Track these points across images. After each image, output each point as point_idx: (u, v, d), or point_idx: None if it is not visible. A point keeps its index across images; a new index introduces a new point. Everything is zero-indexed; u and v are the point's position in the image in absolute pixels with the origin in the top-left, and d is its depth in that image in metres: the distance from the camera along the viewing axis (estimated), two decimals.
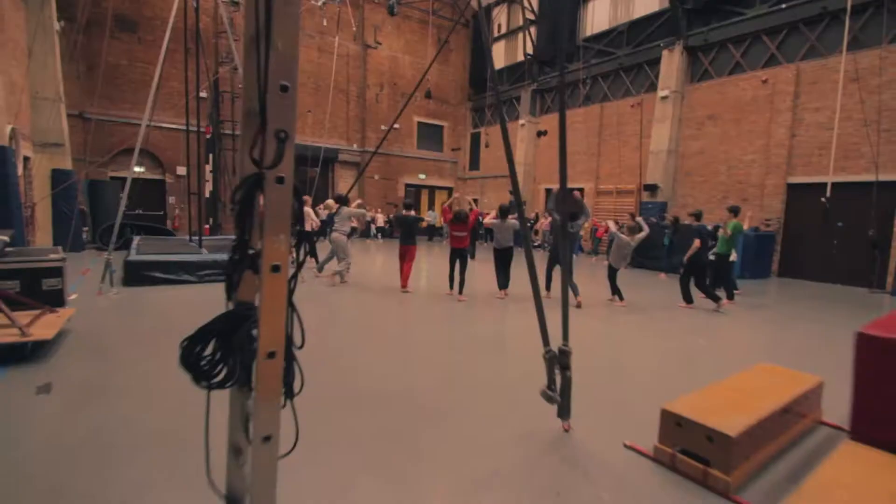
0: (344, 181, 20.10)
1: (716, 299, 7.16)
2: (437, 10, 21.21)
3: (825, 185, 10.95)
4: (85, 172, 13.24)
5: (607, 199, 16.01)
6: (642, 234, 7.24)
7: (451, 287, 7.52)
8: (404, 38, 20.92)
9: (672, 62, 13.69)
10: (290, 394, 1.28)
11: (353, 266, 9.60)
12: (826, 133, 10.97)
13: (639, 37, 15.11)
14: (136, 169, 16.68)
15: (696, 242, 7.13)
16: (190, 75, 13.98)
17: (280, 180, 1.17)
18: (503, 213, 7.40)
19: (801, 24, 11.44)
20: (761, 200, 12.12)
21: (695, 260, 7.16)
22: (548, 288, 7.53)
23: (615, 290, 7.46)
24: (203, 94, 15.72)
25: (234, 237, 1.20)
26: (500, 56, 20.96)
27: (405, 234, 7.60)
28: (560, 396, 2.94)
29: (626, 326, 6.25)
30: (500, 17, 20.88)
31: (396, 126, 20.74)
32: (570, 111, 17.45)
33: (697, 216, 7.53)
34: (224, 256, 6.33)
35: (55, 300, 4.84)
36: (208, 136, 16.22)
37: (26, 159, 10.33)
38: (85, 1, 14.46)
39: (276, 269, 1.17)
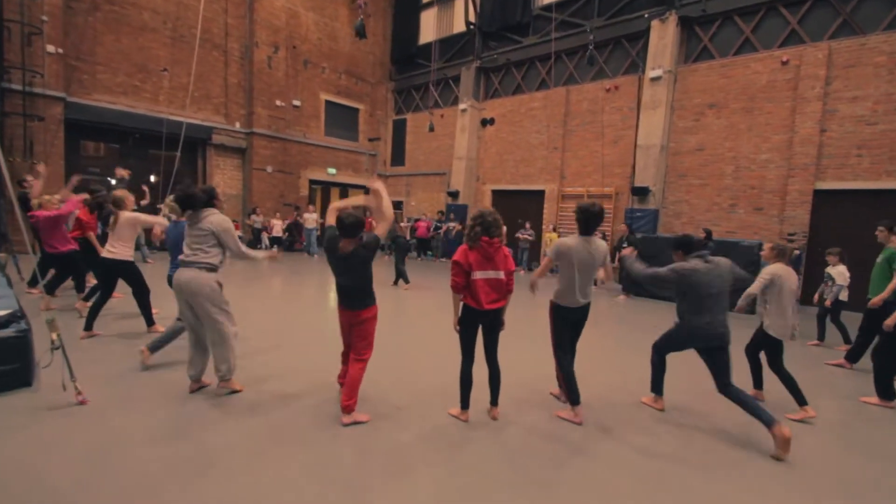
0: (222, 172, 14.54)
1: (891, 396, 4.05)
2: None
3: (865, 192, 8.85)
4: None
5: (575, 204, 12.88)
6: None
7: (465, 403, 3.32)
8: None
9: (665, 35, 10.94)
10: None
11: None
12: (867, 129, 8.83)
13: (614, 6, 12.24)
14: None
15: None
16: None
17: None
18: (591, 218, 3.39)
19: None
20: (781, 210, 9.76)
21: None
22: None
23: (796, 395, 3.68)
24: None
25: None
26: (429, 27, 17.03)
27: (348, 278, 3.16)
28: None
29: None
30: None
31: (297, 103, 15.72)
32: (526, 95, 14.14)
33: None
34: None
35: None
36: None
37: None
38: None
39: None
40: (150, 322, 5.12)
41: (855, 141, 8.95)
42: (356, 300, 3.16)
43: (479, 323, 3.23)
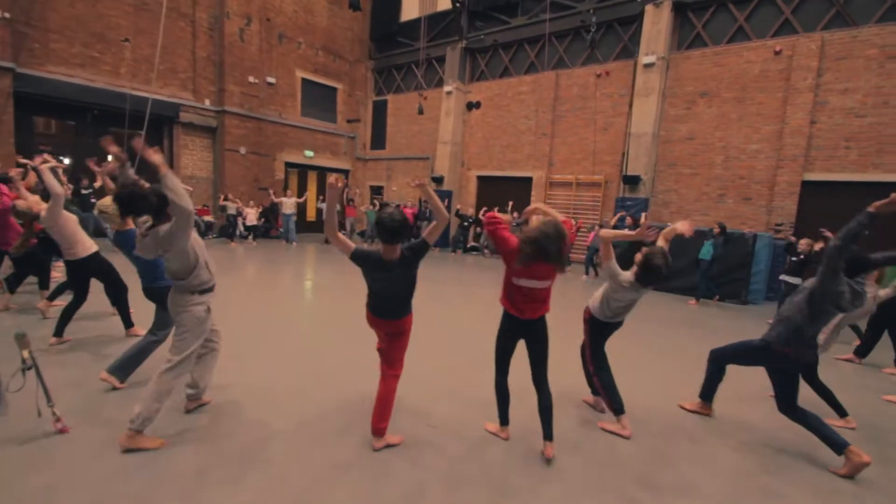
0: (190, 153, 13.61)
1: None
2: None
3: (852, 184, 9.01)
4: None
5: (563, 192, 12.75)
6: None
7: (504, 419, 3.03)
8: None
9: (658, 21, 10.74)
10: None
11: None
12: (856, 121, 8.94)
13: None
14: None
15: None
16: None
17: None
18: (655, 275, 2.97)
19: None
20: (770, 201, 9.85)
21: None
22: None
23: (835, 407, 3.57)
24: None
25: None
26: (413, 3, 16.30)
27: (391, 289, 2.70)
28: None
29: None
30: None
31: (271, 80, 14.83)
32: (514, 79, 13.76)
33: None
34: None
35: None
36: None
37: None
38: None
39: None
40: (127, 324, 4.60)
41: (844, 133, 9.05)
42: (398, 309, 2.75)
43: (520, 335, 2.88)
